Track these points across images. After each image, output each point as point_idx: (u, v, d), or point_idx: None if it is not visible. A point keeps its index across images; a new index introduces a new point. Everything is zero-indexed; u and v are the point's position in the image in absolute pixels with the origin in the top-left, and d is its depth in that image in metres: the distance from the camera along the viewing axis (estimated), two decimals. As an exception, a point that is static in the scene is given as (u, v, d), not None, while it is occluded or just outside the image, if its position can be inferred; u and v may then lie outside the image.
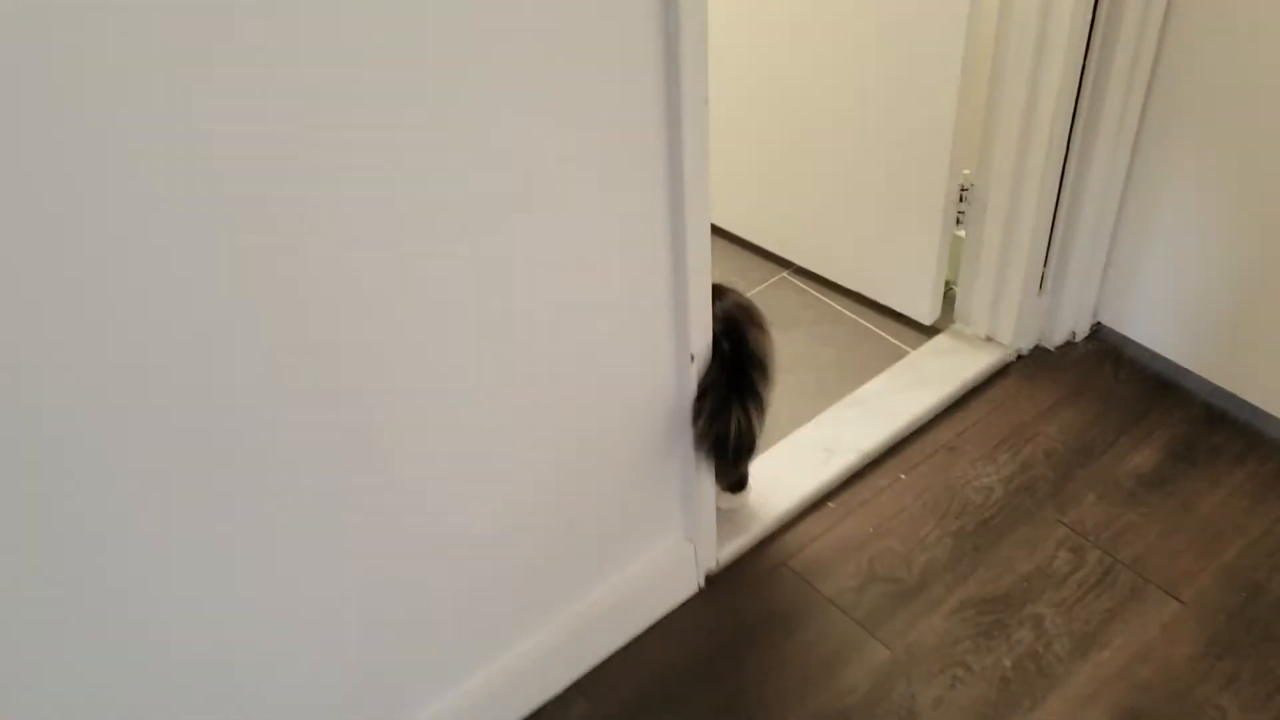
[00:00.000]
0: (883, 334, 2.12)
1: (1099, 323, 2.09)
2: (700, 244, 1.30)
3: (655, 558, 1.60)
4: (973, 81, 1.81)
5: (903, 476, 1.86)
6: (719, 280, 1.41)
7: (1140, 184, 1.88)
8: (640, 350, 1.36)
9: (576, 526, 1.45)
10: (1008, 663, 1.58)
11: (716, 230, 2.39)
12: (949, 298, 2.10)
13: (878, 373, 2.03)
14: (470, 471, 1.26)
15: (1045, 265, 1.96)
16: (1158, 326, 1.99)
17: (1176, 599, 1.65)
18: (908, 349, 2.08)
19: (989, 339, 2.06)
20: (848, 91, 1.96)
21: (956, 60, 1.77)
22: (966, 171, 1.93)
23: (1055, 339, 2.07)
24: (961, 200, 1.95)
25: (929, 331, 2.11)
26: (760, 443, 1.52)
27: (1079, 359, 2.06)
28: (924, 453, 1.90)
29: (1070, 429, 1.93)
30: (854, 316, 2.17)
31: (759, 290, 2.25)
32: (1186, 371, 1.98)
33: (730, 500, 1.74)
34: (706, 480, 1.56)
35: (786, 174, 2.16)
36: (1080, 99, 1.77)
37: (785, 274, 2.29)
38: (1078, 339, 2.09)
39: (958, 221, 1.98)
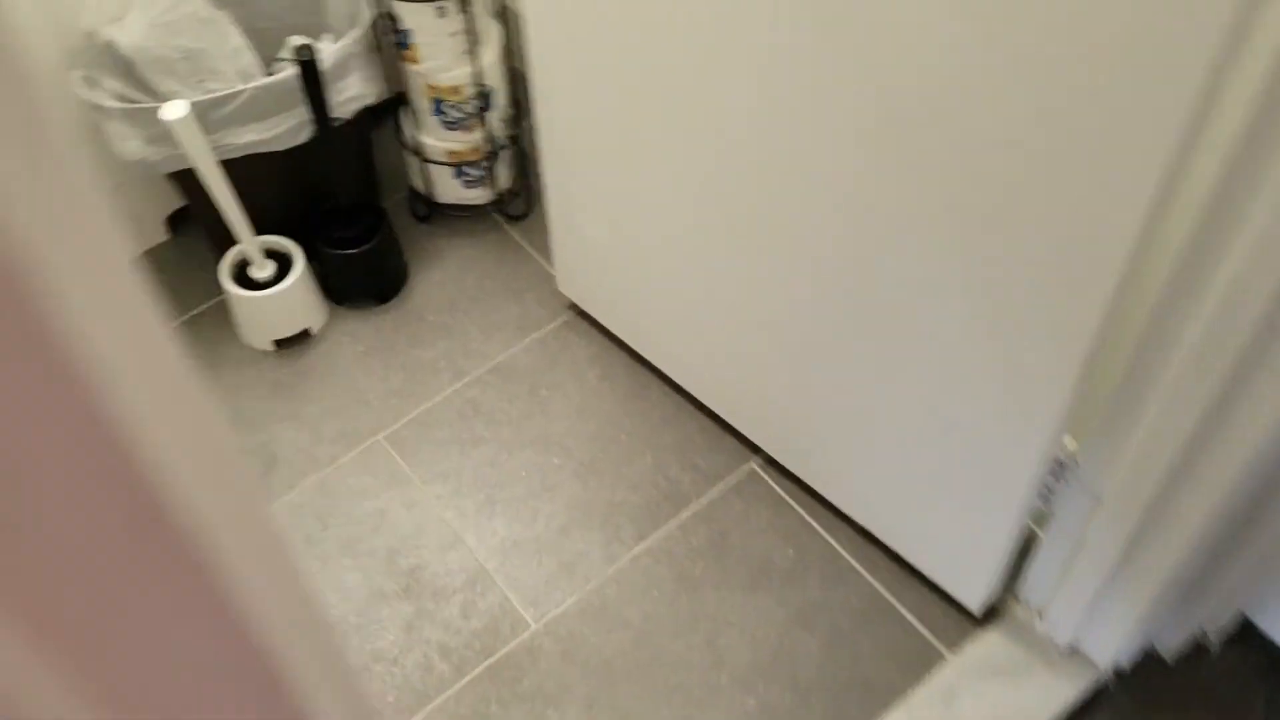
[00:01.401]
0: (903, 611, 1.34)
1: (1245, 617, 1.31)
2: None
3: None
4: (1117, 318, 0.97)
5: None
6: None
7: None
8: None
9: None
10: None
11: (654, 372, 1.55)
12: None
13: (890, 702, 1.26)
14: None
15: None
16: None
17: None
18: (941, 650, 1.30)
19: (1073, 650, 1.28)
20: (919, 282, 1.10)
21: (1106, 290, 0.92)
22: (1071, 444, 1.11)
23: (1173, 642, 1.30)
24: (1054, 476, 1.14)
25: (977, 618, 1.33)
26: None
27: (1213, 683, 1.30)
28: None
29: (1196, 842, 1.19)
30: (858, 567, 1.37)
31: (715, 491, 1.44)
32: (1389, 738, 1.23)
33: None
34: None
35: (787, 332, 1.31)
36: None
37: (754, 464, 1.47)
38: (1211, 642, 1.31)
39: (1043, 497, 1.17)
